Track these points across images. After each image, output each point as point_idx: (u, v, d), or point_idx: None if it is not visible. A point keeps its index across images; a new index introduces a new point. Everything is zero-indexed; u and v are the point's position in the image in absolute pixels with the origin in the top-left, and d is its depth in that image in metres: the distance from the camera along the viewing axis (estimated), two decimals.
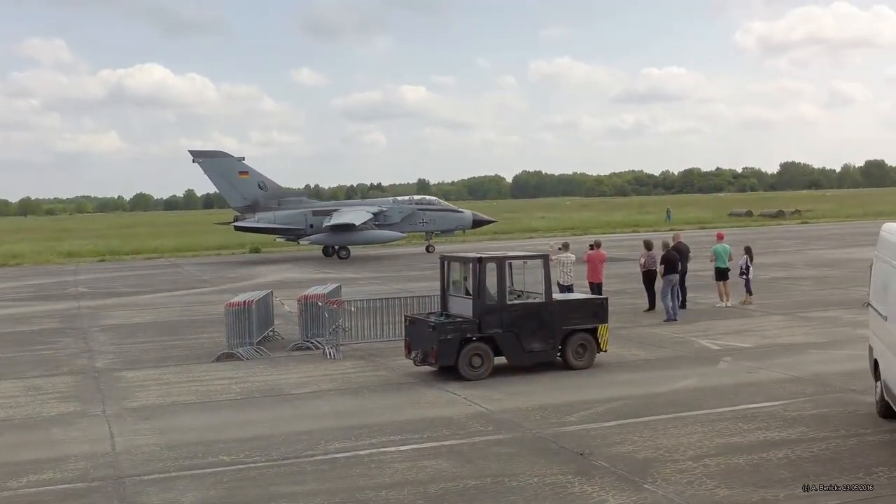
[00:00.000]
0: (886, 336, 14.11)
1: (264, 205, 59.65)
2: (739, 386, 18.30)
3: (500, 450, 14.35)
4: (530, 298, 20.60)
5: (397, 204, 62.18)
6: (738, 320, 26.96)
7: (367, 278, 44.53)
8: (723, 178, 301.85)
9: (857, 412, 15.88)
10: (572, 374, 19.88)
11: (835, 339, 23.22)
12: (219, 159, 60.02)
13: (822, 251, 51.76)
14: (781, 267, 42.58)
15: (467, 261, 20.46)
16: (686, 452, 13.81)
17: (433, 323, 19.97)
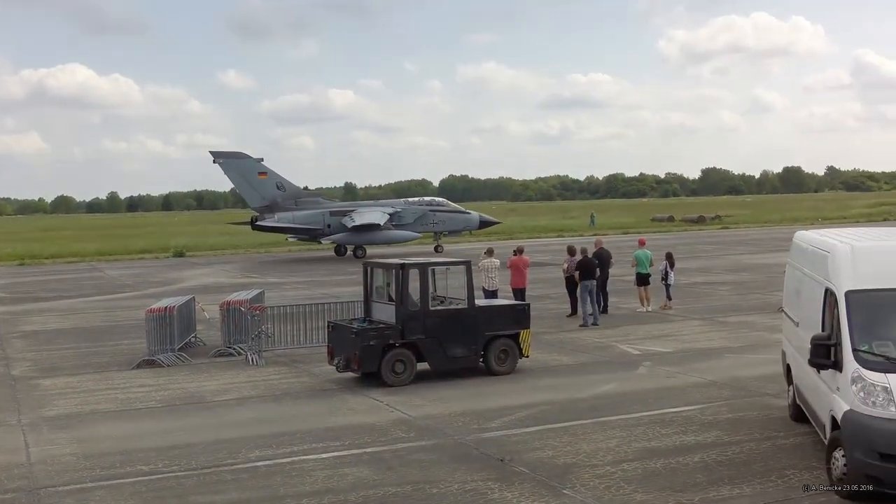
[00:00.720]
0: (798, 341, 14.46)
1: (282, 205, 60.50)
2: (658, 390, 18.56)
3: (421, 456, 14.39)
4: (453, 304, 20.69)
5: (410, 205, 63.48)
6: (659, 325, 27.37)
7: (292, 283, 44.26)
8: (646, 183, 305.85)
9: (770, 416, 16.22)
10: (494, 380, 19.98)
11: (751, 343, 23.68)
12: (239, 160, 60.96)
13: (740, 256, 52.77)
14: (701, 272, 43.31)
15: (390, 267, 20.47)
16: (605, 457, 13.98)
17: (356, 329, 19.94)
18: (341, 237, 59.38)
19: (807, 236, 15.60)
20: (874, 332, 11.85)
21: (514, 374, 20.45)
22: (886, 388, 11.17)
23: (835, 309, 12.23)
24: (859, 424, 11.28)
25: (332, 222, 59.52)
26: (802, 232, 16.33)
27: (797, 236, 16.31)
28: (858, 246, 12.74)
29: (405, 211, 61.88)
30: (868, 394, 11.28)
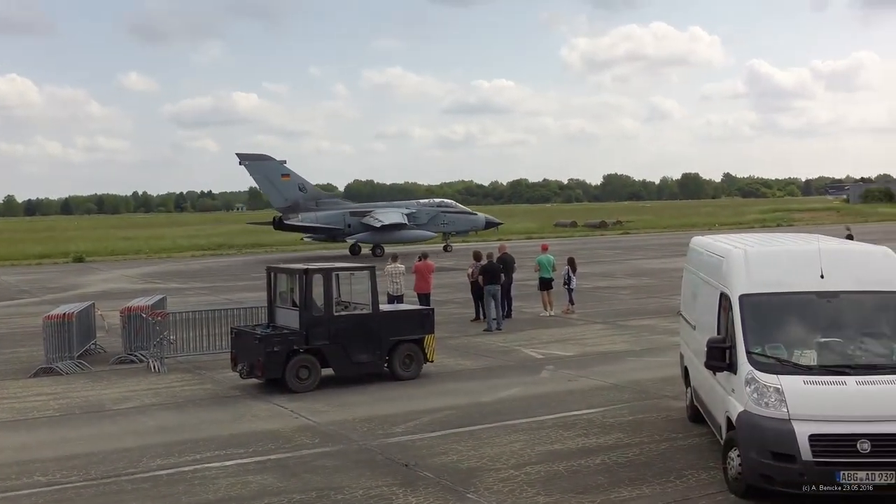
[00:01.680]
0: (695, 344, 14.82)
1: (304, 206, 62.65)
2: (561, 394, 18.81)
3: (325, 462, 14.35)
4: (357, 310, 20.67)
5: (423, 206, 66.36)
6: (561, 329, 27.72)
7: (194, 289, 43.66)
8: (549, 189, 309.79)
9: (669, 417, 16.58)
10: (399, 385, 20.02)
11: (651, 346, 24.16)
12: (263, 162, 63.00)
13: (641, 261, 53.78)
14: (603, 276, 44.02)
15: (294, 272, 20.37)
16: (509, 461, 14.12)
17: (259, 335, 19.77)
18: (364, 236, 61.57)
19: (703, 242, 16.00)
20: (767, 335, 12.21)
21: (419, 379, 20.51)
22: (778, 390, 11.51)
23: (729, 312, 12.57)
24: (753, 425, 11.60)
25: (352, 222, 61.89)
26: (699, 237, 16.73)
27: (693, 242, 16.71)
28: (752, 251, 13.13)
29: (419, 212, 64.56)
30: (761, 395, 11.62)
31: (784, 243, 14.37)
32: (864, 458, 11.14)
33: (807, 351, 12.02)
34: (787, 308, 12.46)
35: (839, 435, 11.21)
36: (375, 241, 61.78)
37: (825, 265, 12.49)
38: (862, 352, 12.08)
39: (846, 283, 12.48)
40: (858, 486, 11.19)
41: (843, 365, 11.80)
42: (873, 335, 12.33)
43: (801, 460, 11.25)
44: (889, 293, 12.47)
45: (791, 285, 12.52)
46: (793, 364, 11.84)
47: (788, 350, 12.05)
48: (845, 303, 12.50)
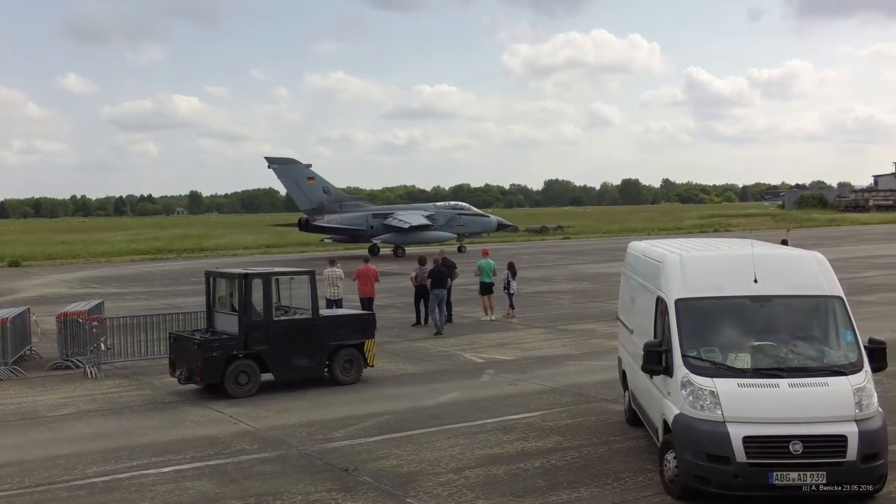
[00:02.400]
0: (632, 348, 14.98)
1: (328, 208, 65.08)
2: (501, 398, 18.89)
3: (265, 468, 14.28)
4: (297, 314, 20.59)
5: (440, 209, 68.64)
6: (502, 333, 27.84)
7: (133, 293, 43.16)
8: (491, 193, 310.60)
9: (608, 420, 16.73)
10: (339, 390, 19.97)
11: (590, 350, 24.35)
12: (290, 166, 65.49)
13: (581, 266, 54.16)
14: (543, 281, 44.28)
15: (233, 276, 20.24)
16: (448, 465, 14.16)
17: (198, 340, 19.62)
18: (390, 237, 64.20)
19: (640, 247, 16.18)
20: (702, 339, 12.39)
21: (359, 384, 20.48)
22: (713, 392, 11.69)
23: (666, 317, 12.72)
24: (689, 427, 11.76)
25: (375, 224, 64.44)
26: (636, 242, 16.92)
27: (631, 246, 16.89)
28: (687, 256, 13.31)
29: (437, 214, 67.08)
30: (696, 398, 11.78)
31: (719, 248, 14.60)
32: (796, 459, 11.35)
33: (741, 354, 12.21)
34: (722, 312, 12.65)
35: (772, 437, 11.41)
36: (400, 241, 64.33)
37: (758, 270, 12.69)
38: (794, 355, 12.29)
39: (779, 287, 12.70)
40: (790, 487, 11.39)
41: (775, 368, 11.99)
42: (805, 338, 12.57)
43: (736, 462, 11.43)
44: (819, 297, 12.72)
45: (725, 290, 12.71)
46: (727, 367, 12.02)
47: (723, 353, 12.23)
48: (778, 307, 12.72)
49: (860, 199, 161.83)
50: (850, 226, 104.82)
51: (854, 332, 12.37)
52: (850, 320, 12.48)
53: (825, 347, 12.46)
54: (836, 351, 12.36)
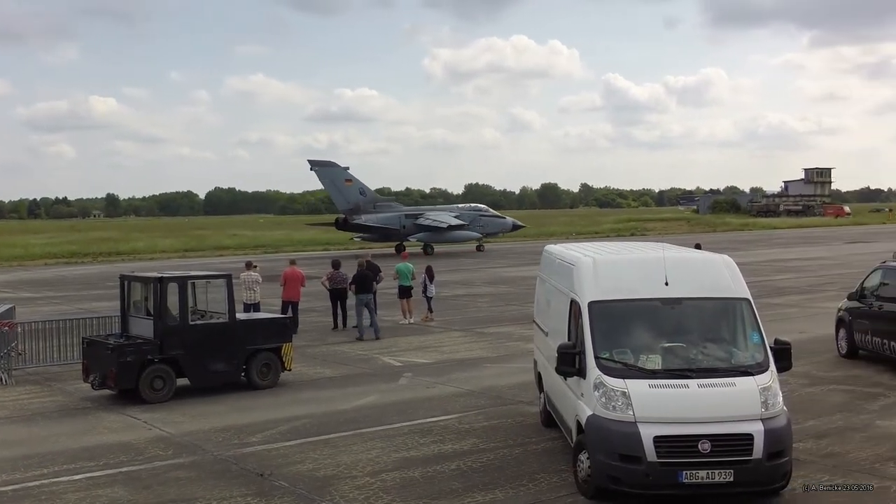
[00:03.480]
0: (547, 350, 15.13)
1: (364, 208, 69.11)
2: (418, 401, 18.97)
3: (179, 474, 14.13)
4: (213, 318, 20.41)
5: (464, 211, 72.91)
6: (420, 337, 27.93)
7: (46, 298, 42.30)
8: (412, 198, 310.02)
9: (524, 422, 16.89)
10: (257, 394, 19.84)
11: (507, 353, 24.55)
12: (331, 168, 69.88)
13: (500, 269, 54.52)
14: (462, 284, 44.50)
15: (148, 281, 20.00)
16: (365, 468, 14.17)
17: (112, 345, 19.35)
18: (424, 236, 68.29)
19: (555, 250, 16.38)
20: (614, 341, 12.59)
21: (277, 388, 20.38)
22: (625, 393, 11.89)
23: (579, 319, 12.90)
24: (601, 428, 11.95)
25: (407, 223, 68.40)
26: (551, 246, 17.12)
27: (546, 250, 17.09)
28: (600, 259, 13.53)
29: (462, 215, 71.17)
30: (609, 399, 11.97)
31: (631, 252, 14.87)
32: (705, 457, 11.59)
33: (652, 356, 12.44)
34: (634, 314, 12.87)
35: (682, 436, 11.64)
36: (433, 240, 68.19)
37: (669, 273, 12.94)
38: (703, 356, 12.56)
39: (689, 290, 12.96)
40: (699, 485, 11.64)
41: (685, 369, 12.24)
42: (714, 340, 12.86)
43: (647, 461, 11.63)
44: (728, 299, 13.03)
45: (637, 292, 12.94)
46: (638, 368, 12.24)
47: (635, 355, 12.44)
48: (688, 309, 12.99)
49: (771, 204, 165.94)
50: (762, 230, 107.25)
51: (761, 334, 12.69)
52: (757, 322, 12.80)
53: (733, 348, 12.76)
54: (744, 352, 12.67)
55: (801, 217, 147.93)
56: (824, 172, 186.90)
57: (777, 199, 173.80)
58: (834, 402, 18.03)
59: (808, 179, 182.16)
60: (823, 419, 16.66)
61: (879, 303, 21.24)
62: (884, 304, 21.04)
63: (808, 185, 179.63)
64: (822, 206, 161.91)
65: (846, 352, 22.64)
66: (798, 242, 79.09)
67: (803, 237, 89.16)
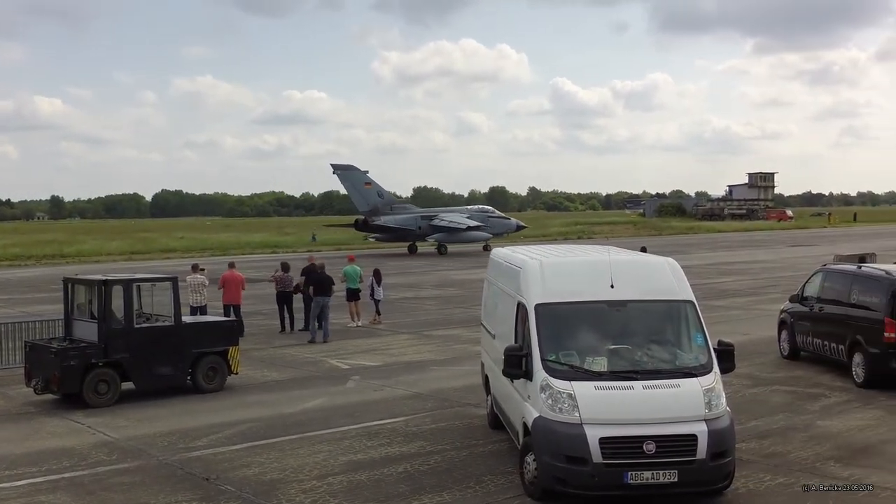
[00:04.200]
0: (494, 353, 15.20)
1: (381, 210, 72.63)
2: (366, 404, 18.94)
3: (123, 479, 13.97)
4: (159, 321, 20.23)
5: (474, 213, 76.57)
6: (368, 340, 27.89)
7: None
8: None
9: (471, 425, 16.94)
10: (203, 398, 19.70)
11: (455, 356, 24.61)
12: (352, 172, 73.43)
13: (448, 272, 54.60)
14: (410, 287, 44.51)
15: (92, 283, 19.77)
16: (312, 472, 14.12)
17: (55, 348, 19.09)
18: (441, 237, 71.57)
19: (502, 253, 16.46)
20: (561, 343, 12.66)
21: (223, 392, 20.25)
22: (571, 395, 11.96)
23: (526, 321, 12.96)
24: (547, 430, 12.01)
25: (423, 224, 71.96)
26: (498, 249, 17.20)
27: (493, 253, 17.17)
28: (547, 262, 13.61)
29: (473, 216, 74.53)
30: (555, 401, 12.04)
31: (578, 255, 14.97)
32: (650, 458, 11.70)
33: (598, 358, 12.52)
34: (580, 317, 12.95)
35: (627, 437, 11.74)
36: (448, 241, 71.34)
37: (615, 276, 13.05)
38: (648, 358, 12.68)
39: (634, 292, 13.08)
40: (644, 486, 11.75)
41: (631, 371, 12.35)
42: (659, 342, 12.97)
43: (592, 463, 11.70)
44: (673, 301, 13.17)
45: (583, 295, 13.03)
46: (584, 370, 12.31)
47: (581, 357, 12.51)
48: (633, 311, 13.11)
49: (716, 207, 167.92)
50: (707, 233, 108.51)
51: (704, 336, 12.84)
52: (701, 324, 12.96)
53: (677, 350, 12.90)
54: (688, 353, 12.80)
55: (745, 221, 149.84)
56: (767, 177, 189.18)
57: (721, 202, 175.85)
58: (776, 403, 18.31)
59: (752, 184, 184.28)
60: (766, 419, 16.91)
61: (820, 305, 21.60)
62: (824, 307, 21.39)
63: (751, 189, 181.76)
64: (766, 210, 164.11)
65: (788, 353, 23.00)
66: (742, 246, 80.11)
67: (747, 240, 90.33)
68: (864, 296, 19.95)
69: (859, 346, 19.57)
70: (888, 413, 17.33)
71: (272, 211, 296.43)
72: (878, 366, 19.05)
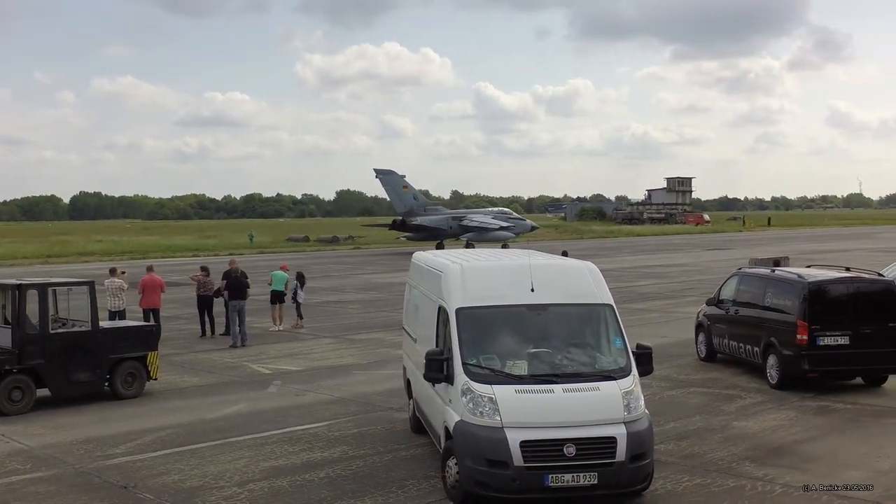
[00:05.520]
0: (416, 357, 15.22)
1: (416, 212, 79.81)
2: (288, 409, 18.82)
3: (38, 488, 13.69)
4: (75, 327, 19.87)
5: (497, 214, 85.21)
6: (290, 344, 27.71)
7: None
8: (283, 203, 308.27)
9: (393, 429, 16.94)
10: (121, 404, 19.39)
11: (378, 359, 24.58)
12: (392, 176, 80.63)
13: (371, 275, 54.48)
14: (333, 291, 44.33)
15: (6, 287, 19.32)
16: (232, 478, 13.99)
17: None
18: (471, 236, 76.86)
19: (423, 257, 16.49)
20: (482, 347, 12.72)
21: (142, 398, 19.96)
22: (492, 399, 12.03)
23: (447, 325, 12.99)
24: (469, 434, 12.06)
25: (453, 224, 78.64)
26: (420, 253, 17.22)
27: (415, 257, 17.19)
28: (468, 266, 13.67)
29: (497, 217, 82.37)
30: (476, 405, 12.09)
31: (499, 259, 15.05)
32: (570, 461, 11.82)
33: (518, 361, 12.60)
34: (501, 321, 13.03)
35: (547, 440, 11.84)
36: (477, 239, 75.48)
37: (536, 280, 13.16)
38: (568, 361, 12.80)
39: (554, 296, 13.20)
40: (565, 489, 11.86)
41: (551, 374, 12.45)
42: (578, 345, 13.10)
43: (514, 466, 11.78)
44: (592, 305, 13.31)
45: (504, 299, 13.11)
46: (505, 374, 12.38)
47: (502, 361, 12.58)
48: (553, 315, 13.22)
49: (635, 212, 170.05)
50: (626, 237, 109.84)
51: (623, 339, 13.01)
52: (620, 327, 13.12)
53: (597, 353, 13.04)
54: (607, 357, 12.96)
55: (664, 224, 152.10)
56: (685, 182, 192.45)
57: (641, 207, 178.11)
58: (693, 405, 18.63)
59: (670, 188, 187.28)
60: (683, 421, 17.19)
61: (736, 308, 22.03)
62: (740, 310, 21.83)
63: (670, 193, 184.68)
64: (684, 214, 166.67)
65: (705, 355, 23.41)
66: (660, 249, 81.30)
67: (665, 244, 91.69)
68: (777, 299, 20.41)
69: (773, 348, 20.02)
70: (800, 413, 17.75)
71: (193, 214, 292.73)
72: (791, 367, 19.50)
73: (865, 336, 19.24)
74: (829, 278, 20.10)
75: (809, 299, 19.33)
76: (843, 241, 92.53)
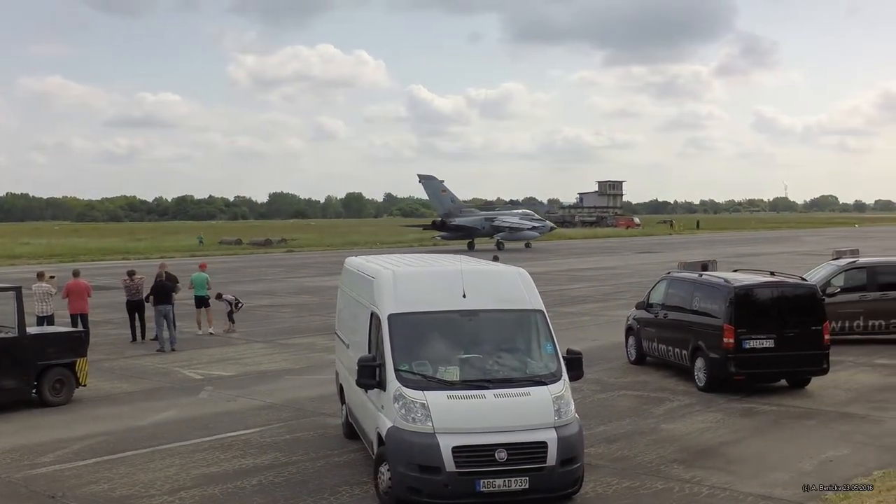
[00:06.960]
0: (349, 362, 15.22)
1: (454, 213, 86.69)
2: (219, 415, 18.69)
3: None
4: (1, 333, 19.53)
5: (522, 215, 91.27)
6: (222, 349, 27.51)
7: None
8: (215, 205, 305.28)
9: (326, 435, 16.92)
10: (49, 412, 19.10)
11: (310, 364, 24.50)
12: (432, 181, 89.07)
13: (304, 279, 54.23)
14: (266, 294, 44.07)
15: None
16: (163, 487, 13.86)
17: None
18: (504, 235, 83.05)
19: (355, 262, 16.48)
20: (414, 353, 12.76)
21: (71, 405, 19.69)
22: (424, 405, 12.09)
23: (379, 331, 13.02)
24: (401, 440, 12.10)
25: (486, 225, 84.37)
26: (352, 258, 17.21)
27: (347, 262, 17.18)
28: (400, 272, 13.72)
29: (524, 218, 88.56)
30: (408, 410, 12.15)
31: (430, 264, 15.12)
32: (502, 466, 11.92)
33: (450, 367, 12.66)
34: (433, 326, 13.08)
35: (479, 446, 11.93)
36: (507, 238, 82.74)
37: (467, 285, 13.24)
38: (500, 366, 12.90)
39: (486, 302, 13.30)
40: (496, 494, 11.96)
41: (482, 379, 12.53)
42: (510, 350, 13.22)
43: (446, 472, 11.84)
44: (523, 311, 13.43)
45: (436, 304, 13.17)
46: (437, 380, 12.44)
47: (434, 367, 12.63)
48: (485, 321, 13.32)
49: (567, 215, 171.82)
50: (558, 240, 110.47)
51: (554, 344, 13.16)
52: (550, 332, 13.27)
53: (528, 358, 13.16)
54: (538, 362, 13.08)
55: (595, 227, 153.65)
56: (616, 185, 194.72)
57: (573, 210, 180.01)
58: (623, 408, 18.89)
59: (602, 192, 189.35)
60: (613, 424, 17.43)
61: (665, 311, 22.38)
62: (668, 313, 22.18)
63: (601, 197, 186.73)
64: (615, 218, 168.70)
65: (635, 358, 23.75)
66: (592, 252, 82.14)
67: (597, 247, 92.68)
68: (705, 303, 20.77)
69: (701, 351, 20.37)
70: (727, 416, 18.10)
71: (124, 216, 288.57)
72: (718, 370, 19.87)
73: (790, 339, 19.68)
74: (755, 283, 20.51)
75: (736, 304, 19.71)
76: (769, 244, 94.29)
